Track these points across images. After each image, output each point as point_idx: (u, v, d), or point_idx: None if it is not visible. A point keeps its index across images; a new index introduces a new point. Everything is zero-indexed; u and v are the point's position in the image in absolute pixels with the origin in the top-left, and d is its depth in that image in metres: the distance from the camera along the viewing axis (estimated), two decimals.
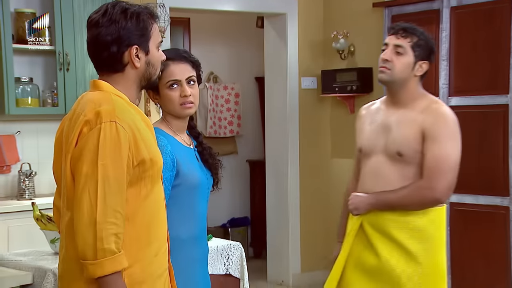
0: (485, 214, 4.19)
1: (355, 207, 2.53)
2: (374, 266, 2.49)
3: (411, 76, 2.49)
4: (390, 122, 2.52)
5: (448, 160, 2.41)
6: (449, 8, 4.31)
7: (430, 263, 2.46)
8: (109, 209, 1.70)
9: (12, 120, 4.19)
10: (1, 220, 3.70)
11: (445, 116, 2.46)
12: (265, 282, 5.30)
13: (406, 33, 2.48)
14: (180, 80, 2.12)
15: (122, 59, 1.82)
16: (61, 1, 4.07)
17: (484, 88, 4.19)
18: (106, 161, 1.71)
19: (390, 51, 2.49)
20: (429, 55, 2.52)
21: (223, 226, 6.21)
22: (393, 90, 2.54)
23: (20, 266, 2.64)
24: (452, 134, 2.44)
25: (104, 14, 1.82)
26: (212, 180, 2.24)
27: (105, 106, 1.76)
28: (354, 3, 5.06)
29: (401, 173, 2.46)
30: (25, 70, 4.18)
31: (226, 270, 2.90)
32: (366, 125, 2.61)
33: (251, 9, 5.12)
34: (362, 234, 2.53)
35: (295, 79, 5.26)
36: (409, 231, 2.45)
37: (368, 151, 2.56)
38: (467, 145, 4.21)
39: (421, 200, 2.42)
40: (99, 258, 1.68)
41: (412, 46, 2.48)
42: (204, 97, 6.16)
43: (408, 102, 2.51)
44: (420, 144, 2.43)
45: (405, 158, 2.45)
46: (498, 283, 4.14)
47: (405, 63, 2.47)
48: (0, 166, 4.14)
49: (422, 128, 2.43)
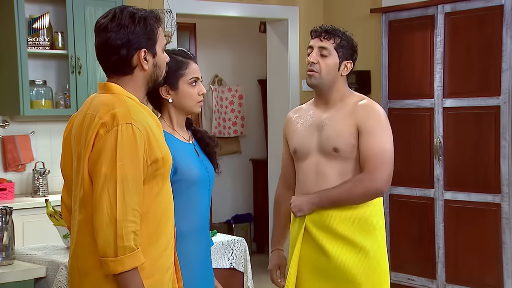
0: (477, 211, 4.24)
1: (298, 208, 2.45)
2: (326, 266, 2.43)
3: (337, 76, 2.47)
4: (322, 121, 2.47)
5: (385, 152, 2.39)
6: (443, 14, 4.37)
7: (377, 252, 2.44)
8: (128, 208, 1.73)
9: (27, 121, 4.26)
10: (16, 216, 3.68)
11: (377, 110, 2.44)
12: (268, 276, 5.29)
13: (328, 35, 2.45)
14: (199, 78, 2.20)
15: (131, 62, 1.84)
16: (73, 8, 4.16)
17: (477, 90, 4.23)
18: (124, 161, 1.73)
19: (315, 54, 2.46)
20: (352, 55, 2.50)
21: (227, 222, 6.24)
22: (323, 92, 2.49)
23: (35, 260, 2.67)
24: (385, 127, 2.42)
25: (112, 19, 1.83)
26: (213, 172, 2.26)
27: (120, 109, 1.78)
28: (353, 9, 5.12)
29: (339, 170, 2.42)
30: (39, 73, 4.25)
31: (230, 264, 2.91)
32: (297, 126, 2.55)
33: (254, 15, 5.18)
34: (308, 236, 2.46)
35: (296, 81, 5.32)
36: (353, 223, 2.42)
37: (303, 152, 2.50)
38: (461, 145, 4.40)
39: (364, 192, 2.39)
40: (119, 255, 1.71)
41: (336, 47, 2.45)
42: (209, 98, 6.21)
43: (338, 101, 2.48)
44: (356, 139, 2.41)
45: (342, 154, 2.41)
46: (489, 276, 4.21)
47: (330, 64, 2.45)
48: (16, 164, 4.22)
49: (356, 123, 2.41)
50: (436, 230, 4.46)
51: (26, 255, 2.74)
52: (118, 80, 1.87)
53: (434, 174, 4.47)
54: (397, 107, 4.69)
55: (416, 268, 4.57)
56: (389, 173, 2.41)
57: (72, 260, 1.87)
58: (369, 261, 2.42)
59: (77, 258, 1.83)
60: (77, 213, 1.83)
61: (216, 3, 4.99)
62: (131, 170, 1.75)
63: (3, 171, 4.23)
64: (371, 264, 2.42)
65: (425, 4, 4.49)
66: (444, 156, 4.43)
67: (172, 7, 4.61)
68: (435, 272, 4.47)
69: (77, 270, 1.84)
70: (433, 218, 4.48)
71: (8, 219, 2.55)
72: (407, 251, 4.64)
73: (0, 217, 2.53)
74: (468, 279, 4.31)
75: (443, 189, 4.45)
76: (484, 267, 4.24)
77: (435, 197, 4.48)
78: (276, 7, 5.25)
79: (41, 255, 2.71)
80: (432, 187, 4.49)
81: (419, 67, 4.56)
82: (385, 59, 4.75)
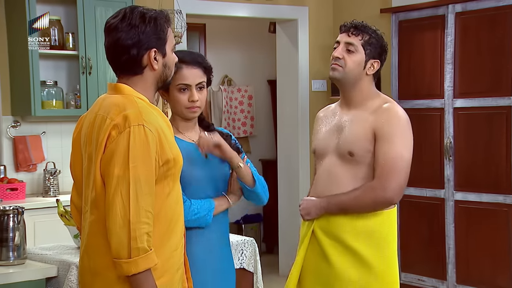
0: (488, 211, 4.22)
1: (306, 212, 2.39)
2: (327, 274, 2.36)
3: (362, 74, 2.38)
4: (343, 123, 2.41)
5: (400, 160, 2.28)
6: (454, 13, 4.35)
7: (382, 266, 2.35)
8: (141, 209, 1.73)
9: (38, 121, 4.30)
10: (27, 216, 3.69)
11: (397, 115, 2.33)
12: (277, 276, 5.33)
13: (357, 31, 2.37)
14: (190, 85, 2.14)
15: (141, 62, 1.84)
16: (84, 9, 4.18)
17: (487, 90, 4.21)
18: (136, 163, 1.73)
19: (341, 49, 2.38)
20: (381, 54, 2.40)
21: (237, 222, 6.27)
22: (346, 89, 2.42)
23: (46, 259, 2.67)
24: (404, 134, 2.31)
25: (122, 19, 1.83)
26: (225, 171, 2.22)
27: (131, 110, 1.78)
28: (363, 9, 5.12)
29: (352, 174, 2.34)
30: (50, 74, 4.28)
31: (240, 265, 2.90)
32: (322, 127, 2.49)
33: (264, 15, 5.18)
34: (314, 241, 2.40)
35: (305, 82, 5.32)
36: (361, 234, 2.33)
37: (321, 153, 2.44)
38: (471, 145, 4.38)
39: (374, 201, 2.29)
40: (133, 257, 1.71)
41: (363, 44, 2.37)
42: (219, 99, 6.26)
43: (361, 103, 2.40)
44: (372, 144, 2.31)
45: (356, 158, 2.33)
46: (501, 277, 4.19)
47: (356, 61, 2.36)
48: (27, 164, 4.25)
49: (374, 128, 2.32)
50: (447, 230, 4.45)
51: (38, 254, 2.75)
52: (128, 80, 1.87)
53: (444, 174, 4.46)
54: (407, 108, 4.62)
55: (426, 268, 4.55)
56: (402, 182, 2.30)
57: (83, 260, 1.87)
58: (372, 275, 2.33)
59: (89, 259, 1.84)
60: (88, 214, 1.84)
61: (225, 4, 5.00)
62: (144, 172, 1.75)
63: (15, 171, 4.27)
64: (375, 280, 2.33)
65: (435, 4, 4.47)
66: (455, 157, 4.42)
67: (182, 8, 4.62)
68: (445, 273, 4.46)
69: (88, 271, 1.84)
70: (444, 218, 4.47)
71: (19, 219, 2.57)
72: (417, 251, 4.63)
73: (12, 217, 2.55)
74: (479, 280, 4.29)
75: (454, 189, 4.43)
76: (495, 268, 4.23)
77: (445, 198, 4.47)
78: (285, 7, 5.25)
79: (52, 254, 2.73)
80: (442, 188, 4.48)
81: (429, 67, 4.55)
82: (395, 59, 4.74)
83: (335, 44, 2.44)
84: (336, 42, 2.43)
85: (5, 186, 4.03)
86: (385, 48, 2.43)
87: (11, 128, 4.28)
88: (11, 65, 4.25)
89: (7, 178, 4.12)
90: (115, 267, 1.75)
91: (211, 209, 2.16)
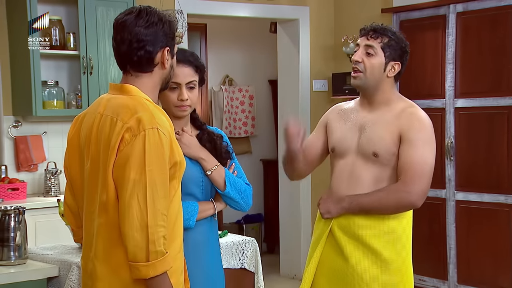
0: (489, 211, 4.23)
1: (326, 210, 2.38)
2: (344, 272, 2.36)
3: (383, 77, 2.39)
4: (365, 123, 2.40)
5: (425, 165, 2.30)
6: (455, 13, 4.35)
7: (399, 266, 2.36)
8: (158, 212, 1.73)
9: (39, 121, 4.30)
10: (28, 215, 3.67)
11: (423, 120, 2.35)
12: (278, 276, 5.35)
13: (376, 33, 2.38)
14: (180, 83, 2.12)
15: (154, 59, 1.85)
16: (85, 9, 4.18)
17: (489, 90, 4.22)
18: (152, 166, 1.73)
19: (360, 52, 2.39)
20: (401, 56, 2.41)
21: (238, 222, 6.28)
22: (367, 92, 2.42)
23: (47, 259, 2.66)
24: (429, 139, 2.34)
25: (138, 16, 1.84)
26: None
27: (144, 113, 1.77)
28: (364, 9, 5.11)
29: (375, 175, 2.35)
30: (51, 74, 4.28)
31: (241, 265, 2.91)
32: (338, 124, 2.47)
33: (265, 15, 5.19)
34: (332, 239, 2.39)
35: (307, 81, 5.33)
36: (382, 235, 2.34)
37: (341, 151, 2.42)
38: (472, 145, 4.38)
39: (397, 204, 2.30)
40: (151, 260, 1.71)
41: (383, 47, 2.37)
42: (219, 99, 6.26)
43: (383, 104, 2.40)
44: (396, 147, 2.32)
45: (381, 160, 2.33)
46: (502, 277, 4.19)
47: (376, 64, 2.37)
48: (28, 164, 4.25)
49: (399, 131, 2.33)
50: (448, 230, 4.45)
51: (39, 254, 2.75)
52: (136, 78, 1.87)
53: (445, 174, 4.46)
54: None
55: (427, 269, 4.55)
56: (426, 187, 2.32)
57: (86, 263, 1.86)
58: (390, 274, 2.34)
59: (97, 262, 1.81)
60: (95, 216, 1.82)
61: (227, 4, 5.01)
62: (159, 175, 1.75)
63: (16, 171, 4.27)
64: (391, 276, 2.34)
65: (436, 4, 4.48)
66: (456, 157, 4.42)
67: (183, 8, 4.63)
68: (446, 273, 4.46)
69: (94, 274, 1.82)
70: (445, 218, 4.47)
71: (21, 219, 2.57)
72: (418, 251, 4.56)
73: (13, 217, 2.55)
74: (480, 280, 4.29)
75: (455, 189, 4.43)
76: (496, 268, 4.23)
77: (446, 198, 4.47)
78: (286, 7, 5.26)
79: (53, 254, 2.72)
80: (443, 188, 4.48)
81: (431, 67, 4.55)
82: None
83: (355, 48, 2.45)
84: (356, 45, 2.43)
85: (6, 186, 4.03)
86: (406, 50, 2.42)
87: (12, 128, 4.28)
88: (12, 65, 4.25)
89: (8, 178, 4.12)
90: (131, 271, 1.75)
91: (194, 213, 2.15)
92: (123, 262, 1.78)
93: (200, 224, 2.17)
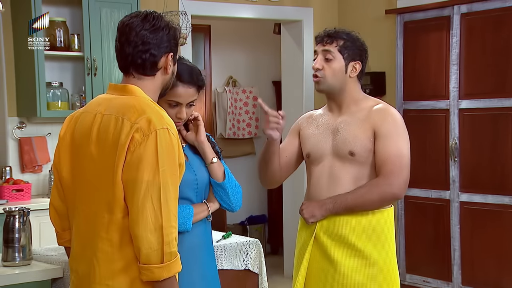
0: (494, 213, 4.22)
1: (311, 214, 2.38)
2: (332, 276, 2.36)
3: (346, 78, 2.41)
4: (338, 125, 2.42)
5: (402, 156, 2.33)
6: (459, 14, 4.35)
7: (384, 263, 2.37)
8: (171, 213, 1.72)
9: (44, 122, 4.31)
10: (33, 217, 3.66)
11: (393, 114, 2.39)
12: (282, 277, 5.35)
13: (330, 38, 2.40)
14: (182, 103, 2.12)
15: (158, 63, 1.84)
16: (90, 10, 4.20)
17: (493, 91, 4.21)
18: (165, 167, 1.72)
19: (320, 59, 2.41)
20: (360, 55, 2.42)
21: (242, 223, 6.28)
22: (334, 96, 2.44)
23: (51, 260, 2.66)
24: (402, 132, 2.37)
25: (144, 19, 1.84)
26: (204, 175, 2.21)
27: (153, 113, 1.76)
28: (368, 10, 5.12)
29: (353, 175, 2.37)
30: (55, 75, 4.30)
31: (245, 266, 2.91)
32: (310, 131, 2.50)
33: (269, 16, 5.20)
34: (317, 244, 2.40)
35: (310, 83, 5.15)
36: (363, 232, 2.36)
37: (317, 156, 2.44)
38: (477, 146, 4.37)
39: (380, 197, 2.33)
40: (166, 261, 1.70)
41: (340, 49, 2.39)
42: (223, 100, 6.26)
43: (352, 104, 2.43)
44: (371, 143, 2.35)
45: (357, 158, 2.36)
46: (506, 279, 4.18)
47: (336, 68, 2.39)
48: (32, 165, 4.26)
49: (373, 127, 2.36)
50: (452, 232, 4.44)
51: (43, 255, 2.75)
52: (138, 80, 1.86)
53: (449, 175, 4.46)
54: (412, 109, 4.68)
55: (431, 270, 4.55)
56: (406, 178, 2.35)
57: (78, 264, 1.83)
58: (377, 273, 2.36)
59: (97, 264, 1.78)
60: (97, 216, 1.79)
61: (230, 5, 5.02)
62: (171, 175, 1.75)
63: (20, 172, 4.29)
64: (379, 276, 2.36)
65: (440, 5, 4.48)
66: (460, 158, 4.41)
67: (187, 9, 4.64)
68: (451, 274, 4.45)
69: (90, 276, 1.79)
70: (449, 220, 4.46)
71: (25, 220, 2.57)
72: (422, 253, 4.62)
73: (18, 218, 2.55)
74: (484, 282, 4.29)
75: (459, 190, 4.43)
76: (500, 269, 4.22)
77: (450, 199, 4.47)
78: (290, 8, 5.26)
79: (57, 255, 2.72)
80: (447, 189, 4.48)
81: (435, 68, 4.55)
82: (400, 60, 4.74)
83: (314, 56, 2.47)
84: (314, 53, 2.46)
85: (11, 187, 4.04)
86: (363, 47, 2.45)
87: (17, 129, 4.29)
88: (17, 66, 4.27)
89: (12, 179, 4.14)
90: (141, 273, 1.73)
91: (190, 216, 2.15)
92: (124, 265, 1.76)
93: (195, 226, 2.17)
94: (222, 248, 2.85)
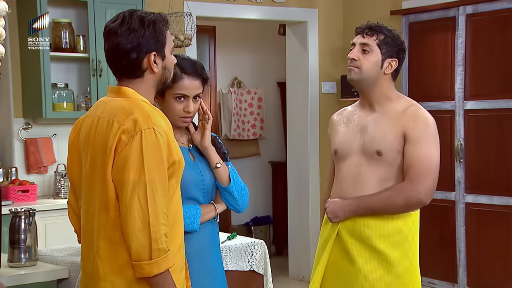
0: (499, 214, 4.21)
1: (334, 215, 2.37)
2: (351, 275, 2.34)
3: (380, 74, 2.38)
4: (367, 122, 2.39)
5: (431, 162, 2.30)
6: (464, 15, 4.35)
7: (407, 268, 2.34)
8: (159, 211, 1.75)
9: (49, 123, 4.32)
10: (39, 217, 3.71)
11: (426, 118, 2.35)
12: (287, 278, 5.35)
13: (371, 31, 2.37)
14: (188, 96, 2.13)
15: (141, 65, 1.85)
16: (95, 11, 4.20)
17: (498, 92, 4.21)
18: (150, 166, 1.75)
19: (356, 50, 2.38)
20: (398, 53, 2.40)
21: (247, 224, 6.28)
22: (365, 90, 2.41)
23: (57, 261, 2.68)
24: (433, 137, 2.34)
25: (122, 23, 1.83)
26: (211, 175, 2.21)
27: (140, 114, 1.79)
28: (373, 11, 5.11)
29: (379, 175, 2.33)
30: (61, 77, 4.30)
31: (250, 267, 2.91)
32: (340, 127, 2.48)
33: (274, 17, 5.19)
34: (339, 242, 2.39)
35: (315, 84, 5.32)
36: (387, 236, 2.32)
37: (344, 153, 2.42)
38: (482, 147, 4.36)
39: (405, 202, 2.29)
40: (154, 258, 1.74)
41: (379, 44, 2.36)
42: (228, 101, 6.27)
43: (383, 103, 2.39)
44: (401, 145, 2.31)
45: (385, 158, 2.32)
46: None
47: (372, 61, 2.36)
48: (38, 167, 4.27)
49: (403, 129, 2.32)
50: (457, 233, 4.43)
51: (49, 256, 2.77)
52: (129, 83, 1.88)
53: (455, 177, 4.45)
54: None
55: (437, 272, 4.54)
56: (433, 184, 2.31)
57: (86, 264, 1.87)
58: (397, 277, 2.32)
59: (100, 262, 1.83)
60: (95, 217, 1.84)
61: (235, 6, 5.02)
62: (158, 174, 1.78)
63: (26, 173, 4.29)
64: (398, 280, 2.33)
65: (446, 6, 4.47)
66: (465, 159, 4.40)
67: (192, 10, 4.64)
68: (456, 276, 4.44)
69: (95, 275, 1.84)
70: (454, 221, 4.46)
71: (31, 221, 2.58)
72: (427, 254, 4.59)
73: (24, 218, 2.56)
74: (490, 283, 4.28)
75: (464, 192, 4.42)
76: (506, 271, 4.21)
77: (456, 200, 4.46)
78: (295, 9, 5.26)
79: (63, 256, 2.74)
80: (453, 190, 4.47)
81: (440, 69, 4.55)
82: (405, 61, 4.71)
83: (351, 46, 2.44)
84: (352, 44, 2.43)
85: (17, 188, 4.05)
86: (402, 47, 2.42)
87: (23, 130, 4.30)
88: (23, 67, 4.27)
89: (18, 180, 4.15)
90: (134, 270, 1.77)
91: (197, 217, 2.16)
92: (126, 261, 1.79)
93: (203, 226, 2.19)
94: (227, 249, 2.86)
